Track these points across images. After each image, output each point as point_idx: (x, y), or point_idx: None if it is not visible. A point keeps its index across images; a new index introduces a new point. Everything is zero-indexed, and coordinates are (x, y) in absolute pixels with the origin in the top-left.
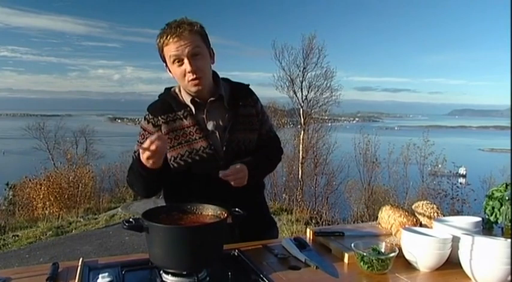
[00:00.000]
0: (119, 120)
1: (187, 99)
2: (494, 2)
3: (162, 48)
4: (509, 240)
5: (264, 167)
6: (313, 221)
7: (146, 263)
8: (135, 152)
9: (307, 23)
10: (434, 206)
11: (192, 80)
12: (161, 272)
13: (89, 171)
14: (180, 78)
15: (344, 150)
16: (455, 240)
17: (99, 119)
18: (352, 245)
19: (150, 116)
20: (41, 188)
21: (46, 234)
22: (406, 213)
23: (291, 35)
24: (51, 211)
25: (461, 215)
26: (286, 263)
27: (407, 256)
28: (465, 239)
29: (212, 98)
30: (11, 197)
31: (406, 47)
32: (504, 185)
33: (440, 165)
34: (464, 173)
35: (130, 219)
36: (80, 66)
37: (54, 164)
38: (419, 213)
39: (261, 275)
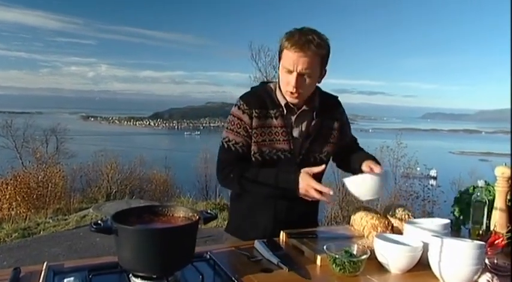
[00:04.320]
0: (92, 119)
1: (282, 101)
2: (468, 7)
3: (282, 49)
4: (476, 241)
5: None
6: None
7: (115, 266)
8: (227, 140)
9: (283, 25)
10: (406, 209)
11: (291, 93)
12: (130, 275)
13: (60, 170)
14: (283, 84)
15: None
16: (426, 243)
17: (71, 117)
18: (325, 247)
19: (246, 107)
20: (7, 188)
21: (11, 236)
22: (378, 216)
23: (267, 36)
24: (18, 212)
25: (432, 216)
26: (259, 266)
27: (380, 258)
28: (434, 241)
29: (305, 108)
30: None
31: (382, 51)
32: (472, 188)
33: (412, 168)
34: (435, 175)
35: (99, 222)
36: (52, 63)
37: (22, 163)
38: (391, 216)
39: (233, 278)
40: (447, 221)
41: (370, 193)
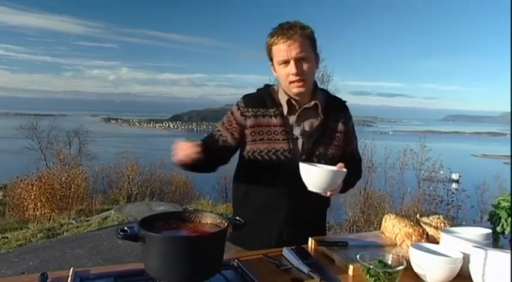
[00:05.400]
0: (113, 121)
1: (283, 99)
2: (489, 8)
3: (270, 47)
4: None
5: (346, 184)
6: None
7: (141, 273)
8: (218, 130)
9: None
10: (441, 216)
11: (295, 81)
12: None
13: (82, 172)
14: (284, 78)
15: None
16: (466, 254)
17: (93, 120)
18: (358, 256)
19: (242, 105)
20: (32, 189)
21: (36, 237)
22: (412, 223)
23: None
24: (43, 212)
25: (457, 221)
26: (288, 275)
27: (416, 269)
28: (477, 253)
29: (307, 105)
30: (1, 197)
31: (402, 52)
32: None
33: (436, 171)
34: (457, 179)
35: (125, 228)
36: (75, 66)
37: (46, 164)
38: (426, 224)
39: None
40: (488, 230)
41: (319, 186)
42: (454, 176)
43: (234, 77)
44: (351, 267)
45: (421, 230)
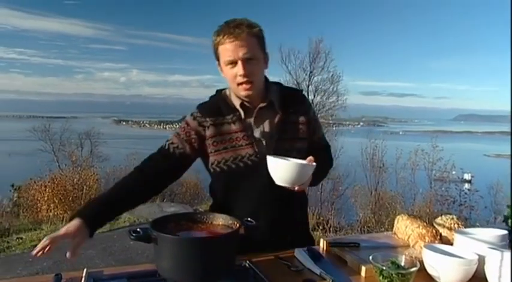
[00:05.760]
0: (124, 123)
1: (236, 103)
2: (501, 7)
3: (217, 47)
4: None
5: (317, 176)
6: (320, 226)
7: (153, 274)
8: (168, 140)
9: (313, 27)
10: (455, 217)
11: (243, 83)
12: None
13: (94, 173)
14: (231, 80)
15: (350, 155)
16: (481, 255)
17: (104, 121)
18: (370, 257)
19: (199, 114)
20: (45, 190)
21: None
22: (425, 224)
23: (297, 38)
24: (56, 213)
25: (470, 222)
26: (300, 276)
27: (430, 271)
28: (493, 254)
29: (261, 104)
30: (15, 198)
31: (413, 52)
32: None
33: (448, 172)
34: (469, 179)
35: (138, 229)
36: (86, 69)
37: (59, 165)
38: (439, 225)
39: None
40: (504, 231)
41: (287, 180)
42: (467, 176)
43: None
44: (363, 268)
45: (434, 231)
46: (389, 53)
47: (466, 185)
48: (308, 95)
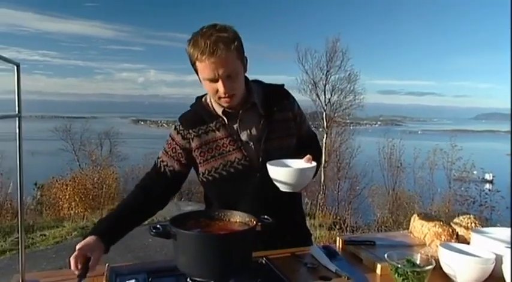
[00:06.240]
0: (142, 123)
1: (219, 110)
2: None
3: (194, 61)
4: None
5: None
6: (337, 226)
7: (173, 269)
8: (158, 157)
9: (330, 26)
10: (472, 216)
11: (224, 98)
12: (188, 279)
13: (113, 172)
14: (212, 94)
15: (367, 154)
16: (498, 255)
17: (123, 121)
18: (386, 255)
19: (181, 128)
20: (66, 189)
21: (71, 235)
22: (441, 223)
23: (314, 38)
24: (77, 211)
25: (491, 222)
26: (316, 273)
27: (446, 270)
28: (510, 254)
29: (245, 107)
30: (38, 196)
31: (432, 50)
32: None
33: (468, 171)
34: (490, 179)
35: (158, 226)
36: (105, 70)
37: (79, 165)
38: (456, 224)
39: None
40: None
41: (291, 186)
42: (488, 176)
43: (262, 78)
44: (378, 266)
45: (450, 230)
46: (408, 51)
47: (487, 185)
48: (325, 94)
